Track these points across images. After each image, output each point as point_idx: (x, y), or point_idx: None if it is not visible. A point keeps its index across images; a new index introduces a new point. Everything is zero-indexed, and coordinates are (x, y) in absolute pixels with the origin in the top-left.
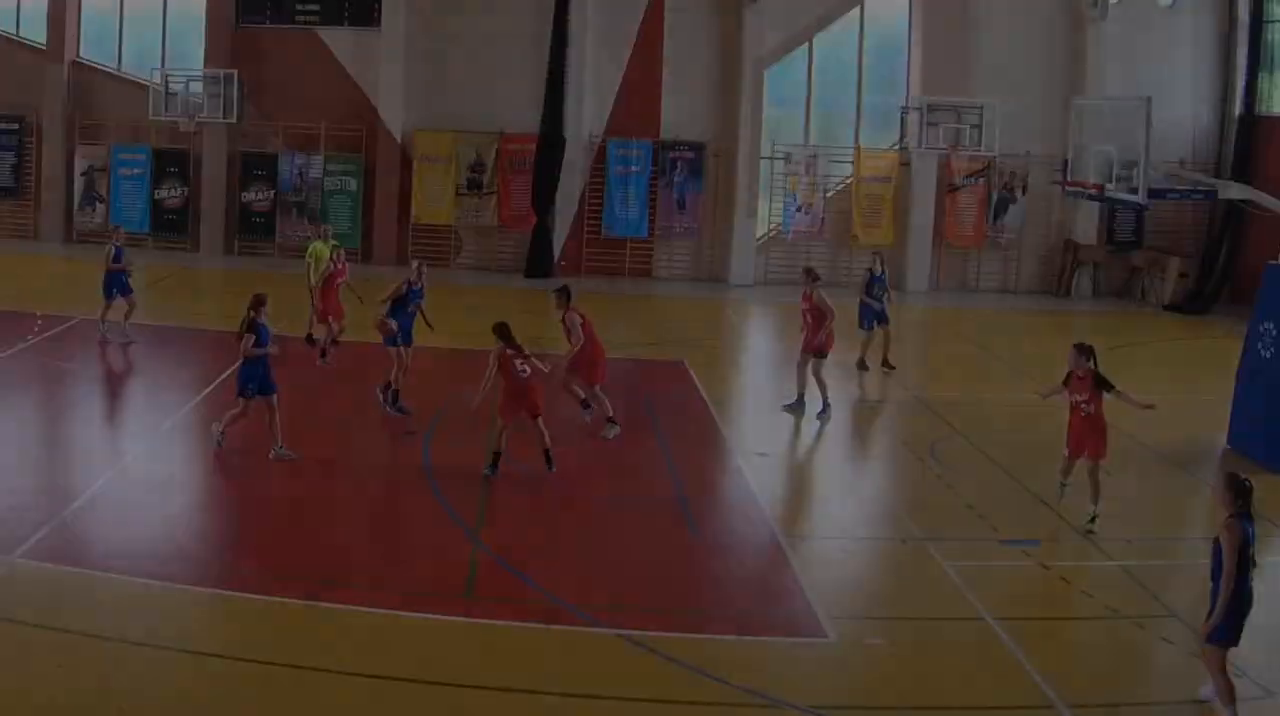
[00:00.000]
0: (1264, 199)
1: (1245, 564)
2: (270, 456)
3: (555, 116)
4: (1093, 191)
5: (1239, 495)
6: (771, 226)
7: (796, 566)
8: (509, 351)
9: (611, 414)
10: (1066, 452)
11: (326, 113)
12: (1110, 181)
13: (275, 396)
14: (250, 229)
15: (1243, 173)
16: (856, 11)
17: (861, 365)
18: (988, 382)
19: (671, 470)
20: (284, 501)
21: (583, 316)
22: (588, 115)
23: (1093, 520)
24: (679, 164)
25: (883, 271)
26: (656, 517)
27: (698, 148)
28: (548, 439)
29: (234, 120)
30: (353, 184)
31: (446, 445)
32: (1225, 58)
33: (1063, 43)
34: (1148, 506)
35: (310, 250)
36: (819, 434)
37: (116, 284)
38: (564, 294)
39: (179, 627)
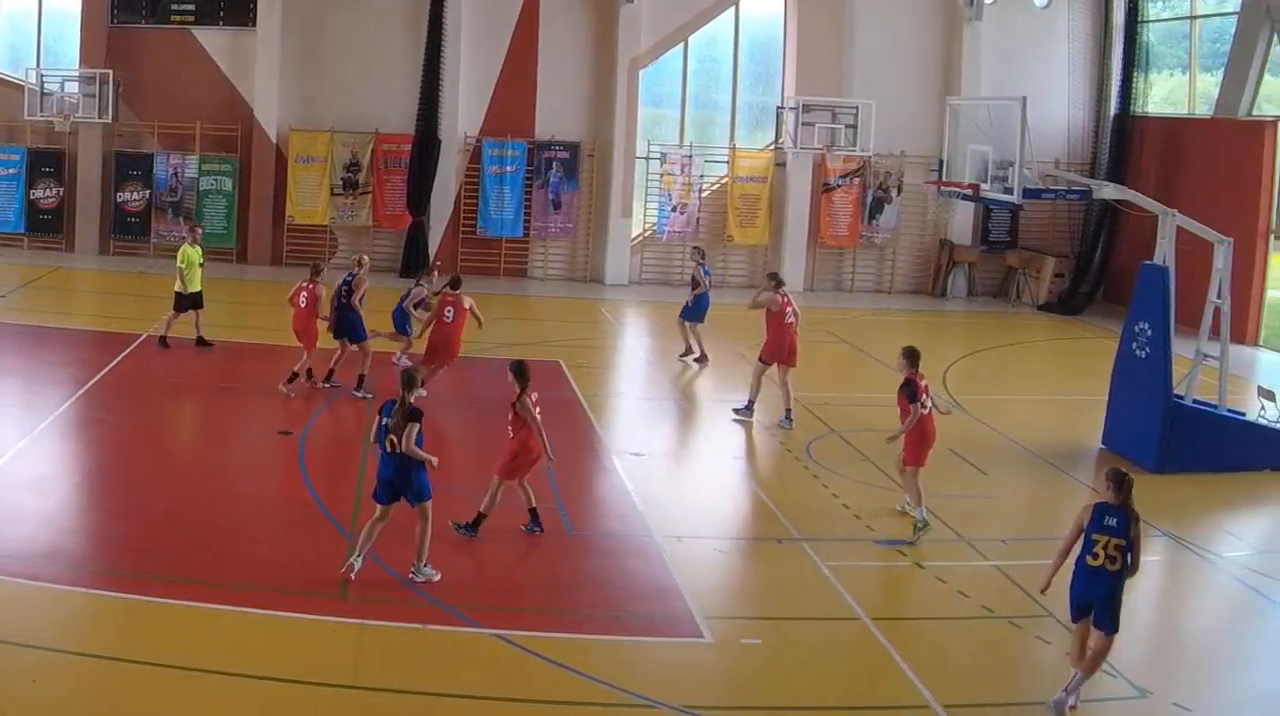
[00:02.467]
0: (1138, 199)
1: (1085, 545)
2: (411, 574)
3: (430, 116)
4: (967, 192)
5: (1114, 486)
6: (646, 226)
7: (673, 567)
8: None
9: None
10: None
11: (201, 113)
12: (985, 181)
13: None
14: (125, 229)
15: (1118, 173)
16: (731, 11)
17: None
18: (863, 382)
19: (547, 470)
20: (162, 502)
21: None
22: (463, 115)
23: (916, 528)
24: (554, 164)
25: None
26: None
27: (573, 148)
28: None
29: (109, 120)
30: (228, 184)
31: (322, 445)
32: (1101, 58)
33: (938, 43)
34: (1022, 506)
35: (180, 254)
36: (692, 434)
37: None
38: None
39: (58, 628)
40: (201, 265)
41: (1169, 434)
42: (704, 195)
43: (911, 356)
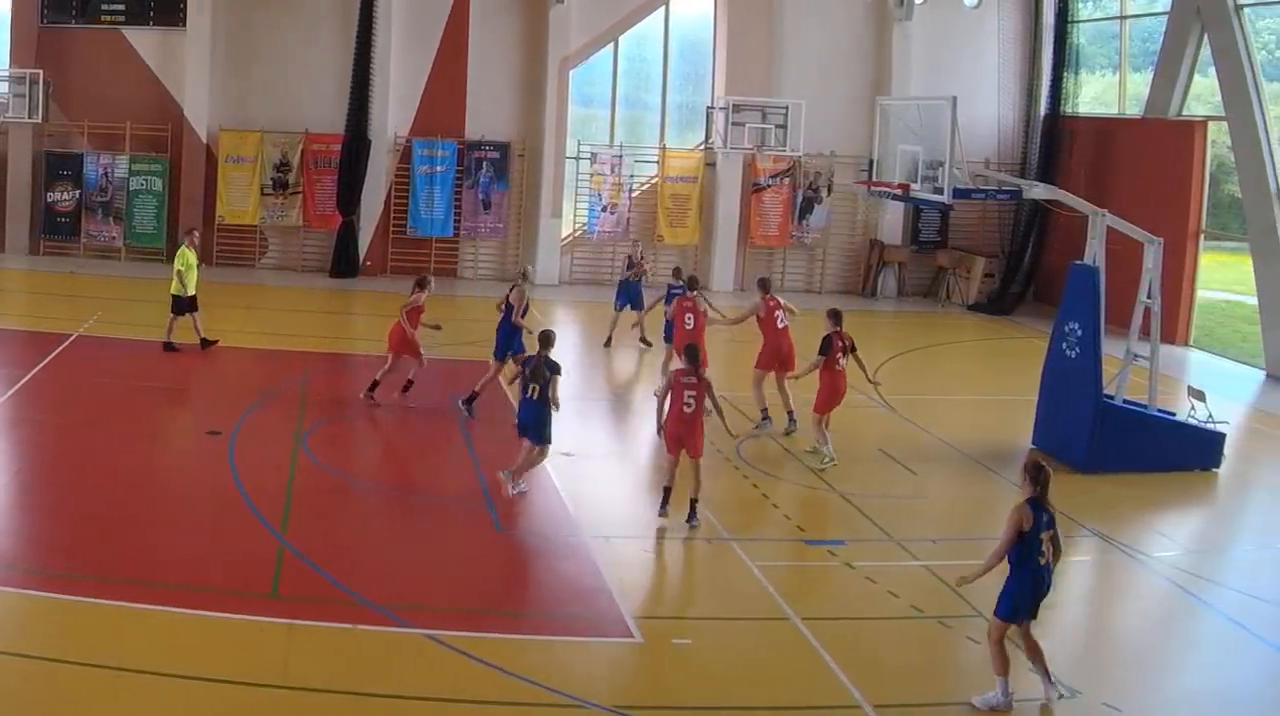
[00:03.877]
0: (1068, 199)
1: (1031, 546)
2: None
3: (360, 116)
4: (897, 192)
5: (1033, 480)
6: (577, 226)
7: (602, 566)
8: (681, 377)
9: None
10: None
11: (132, 112)
12: (915, 181)
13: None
14: (55, 229)
15: (1048, 173)
16: (661, 11)
17: None
18: (792, 382)
19: (477, 470)
20: (91, 502)
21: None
22: (393, 115)
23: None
24: (484, 164)
25: None
26: (462, 518)
27: (503, 148)
28: (699, 488)
29: (39, 120)
30: (158, 184)
31: (252, 445)
32: (1031, 58)
33: (868, 43)
34: (952, 506)
35: (181, 256)
36: (621, 434)
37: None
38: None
39: None
40: (198, 267)
41: (1099, 434)
42: (634, 195)
43: (832, 316)
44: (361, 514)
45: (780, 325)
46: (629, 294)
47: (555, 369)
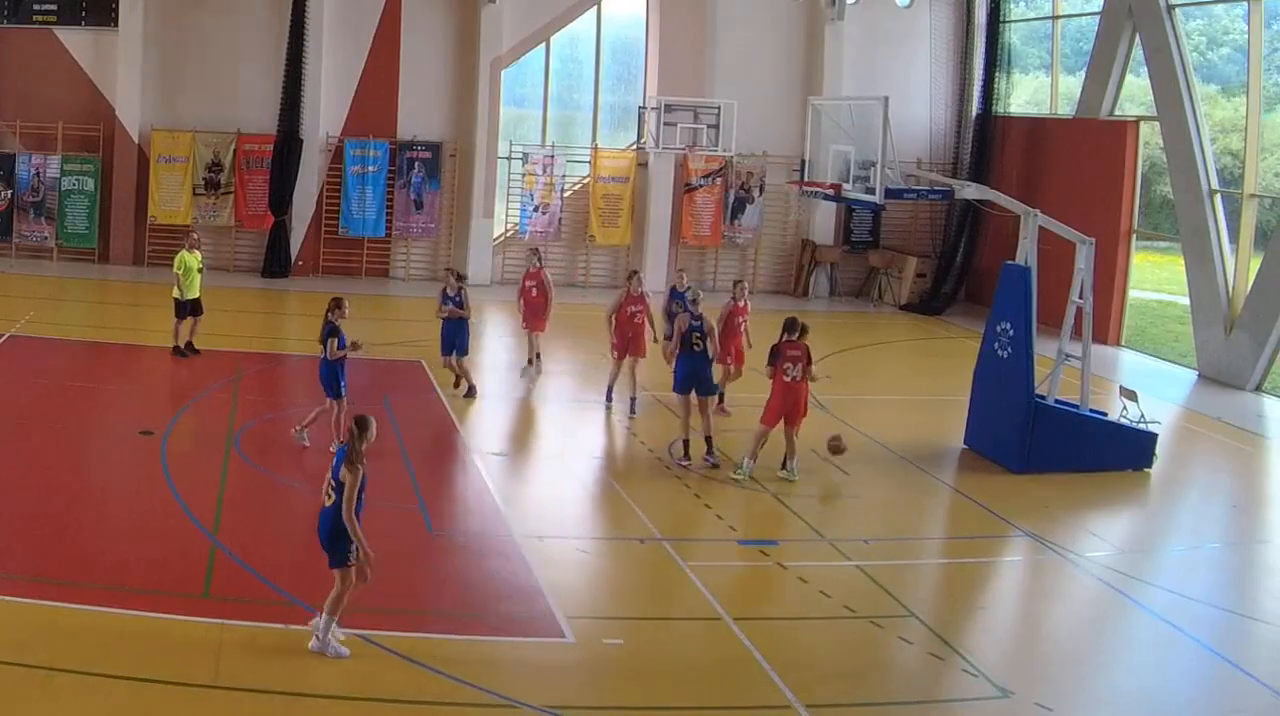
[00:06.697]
0: (1000, 199)
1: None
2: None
3: (292, 116)
4: (830, 192)
5: (354, 435)
6: (509, 226)
7: (534, 566)
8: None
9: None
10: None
11: (64, 112)
12: (847, 181)
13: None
14: None
15: (980, 173)
16: (593, 11)
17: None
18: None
19: (409, 470)
20: (23, 501)
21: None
22: (325, 115)
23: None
24: (416, 164)
25: None
26: (394, 517)
27: (435, 147)
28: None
29: None
30: (90, 184)
31: (184, 445)
32: (963, 58)
33: (800, 43)
34: (884, 506)
35: (178, 260)
36: (554, 434)
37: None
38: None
39: None
40: (200, 271)
41: (1031, 434)
42: (566, 195)
43: (786, 325)
44: (294, 514)
45: (635, 319)
46: (453, 334)
47: (332, 333)
